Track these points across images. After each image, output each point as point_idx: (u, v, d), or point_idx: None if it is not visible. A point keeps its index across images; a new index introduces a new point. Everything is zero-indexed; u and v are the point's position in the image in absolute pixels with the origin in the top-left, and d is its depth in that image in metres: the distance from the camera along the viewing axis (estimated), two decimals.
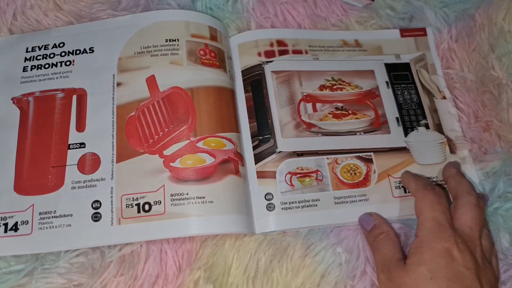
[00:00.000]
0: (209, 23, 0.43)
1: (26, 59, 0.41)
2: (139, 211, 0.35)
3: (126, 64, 0.40)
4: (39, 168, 0.37)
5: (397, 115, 0.43)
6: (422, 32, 0.47)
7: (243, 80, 0.43)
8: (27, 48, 0.42)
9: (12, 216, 0.35)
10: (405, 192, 0.39)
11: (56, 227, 0.35)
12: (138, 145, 0.38)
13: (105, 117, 0.39)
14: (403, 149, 0.42)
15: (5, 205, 0.36)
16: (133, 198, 0.36)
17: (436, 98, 0.44)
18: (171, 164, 0.37)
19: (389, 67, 0.45)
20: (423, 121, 0.43)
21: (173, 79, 0.39)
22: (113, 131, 0.38)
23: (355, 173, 0.40)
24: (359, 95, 0.43)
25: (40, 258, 0.35)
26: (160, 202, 0.35)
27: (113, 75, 0.40)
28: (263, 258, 0.36)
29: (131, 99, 0.39)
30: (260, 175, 0.39)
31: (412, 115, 0.43)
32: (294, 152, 0.40)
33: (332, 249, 0.37)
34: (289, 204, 0.38)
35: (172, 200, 0.35)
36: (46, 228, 0.35)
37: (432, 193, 0.34)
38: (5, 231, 0.35)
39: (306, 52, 0.45)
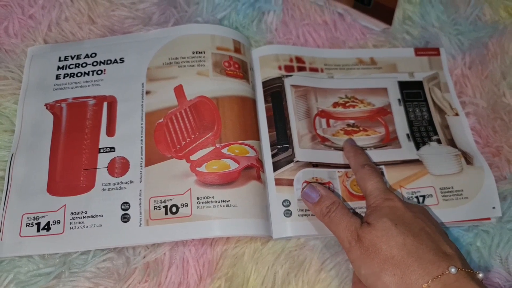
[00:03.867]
0: (233, 36, 0.45)
1: (59, 68, 0.43)
2: (166, 213, 0.37)
3: (154, 74, 0.43)
4: (71, 171, 0.39)
5: (408, 132, 0.44)
6: (435, 52, 0.49)
7: (264, 91, 0.45)
8: (60, 57, 0.44)
9: (44, 216, 0.37)
10: (419, 202, 0.40)
11: (87, 227, 0.37)
12: (166, 150, 0.39)
13: (134, 123, 0.40)
14: (415, 161, 0.42)
15: (38, 205, 0.37)
16: (161, 200, 0.37)
17: (448, 115, 0.46)
18: (197, 168, 0.38)
19: (402, 85, 0.47)
20: (434, 137, 0.44)
21: (200, 89, 0.42)
22: (142, 136, 0.40)
23: None
24: (371, 112, 0.45)
25: (68, 262, 0.36)
26: (187, 205, 0.37)
27: (142, 84, 0.42)
28: (280, 271, 0.37)
29: (159, 106, 0.41)
30: (278, 182, 0.40)
31: (423, 132, 0.44)
32: (310, 162, 0.42)
33: (346, 264, 0.38)
34: (306, 211, 0.39)
35: (198, 203, 0.37)
36: (78, 227, 0.36)
37: (369, 169, 0.38)
38: (38, 231, 0.36)
39: (322, 71, 0.47)
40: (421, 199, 0.41)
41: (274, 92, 0.45)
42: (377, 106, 0.45)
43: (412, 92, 0.46)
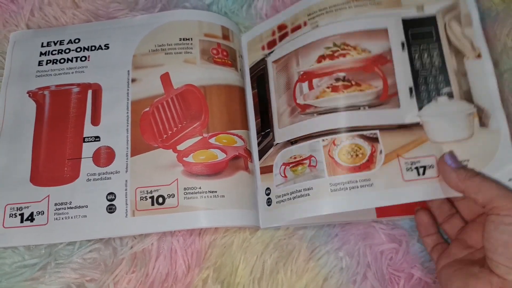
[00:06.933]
0: (221, 23, 0.44)
1: (41, 54, 0.42)
2: (153, 204, 0.36)
3: (140, 61, 0.41)
4: (55, 160, 0.38)
5: (411, 85, 0.36)
6: None
7: (251, 78, 0.43)
8: (42, 43, 0.43)
9: (27, 207, 0.36)
10: (418, 174, 0.34)
11: (71, 218, 0.36)
12: (152, 139, 0.39)
13: (120, 112, 0.40)
14: (416, 125, 0.35)
15: (21, 196, 0.37)
16: (147, 191, 0.37)
17: (468, 58, 0.36)
18: (184, 159, 0.38)
19: (408, 24, 0.37)
20: (445, 89, 0.35)
21: (187, 77, 0.41)
22: (127, 125, 0.39)
23: (356, 155, 0.35)
24: (367, 60, 0.36)
25: (54, 253, 0.36)
26: (174, 195, 0.36)
27: (128, 71, 0.41)
28: (269, 260, 0.37)
29: (145, 95, 0.40)
30: (263, 170, 0.39)
31: (431, 83, 0.36)
32: (288, 141, 0.38)
33: (335, 254, 0.38)
34: (282, 196, 0.36)
35: (185, 193, 0.37)
36: (62, 218, 0.36)
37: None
38: (21, 221, 0.36)
39: (305, 24, 0.40)
40: (421, 170, 0.34)
41: (259, 77, 0.43)
42: (374, 53, 0.36)
43: (420, 33, 0.36)
